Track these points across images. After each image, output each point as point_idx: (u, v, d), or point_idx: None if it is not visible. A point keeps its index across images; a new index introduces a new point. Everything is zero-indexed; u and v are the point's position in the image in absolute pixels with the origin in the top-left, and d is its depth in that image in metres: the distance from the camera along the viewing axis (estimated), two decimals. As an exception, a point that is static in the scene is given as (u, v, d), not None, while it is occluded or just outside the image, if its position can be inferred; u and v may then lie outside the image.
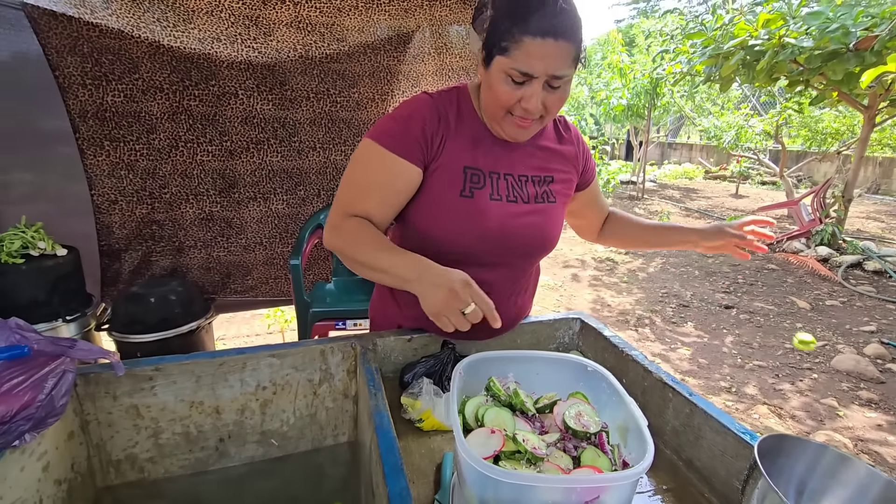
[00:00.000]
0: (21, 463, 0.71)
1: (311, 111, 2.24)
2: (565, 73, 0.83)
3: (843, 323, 4.12)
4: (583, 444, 0.65)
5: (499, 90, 0.86)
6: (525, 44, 0.79)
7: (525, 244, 1.04)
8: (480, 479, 0.56)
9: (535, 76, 0.82)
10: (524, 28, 0.79)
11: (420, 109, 0.95)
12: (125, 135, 1.98)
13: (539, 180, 1.03)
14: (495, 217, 0.97)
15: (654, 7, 24.19)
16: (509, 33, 0.80)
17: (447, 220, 0.97)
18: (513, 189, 1.00)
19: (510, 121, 0.90)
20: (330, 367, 1.01)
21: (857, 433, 2.66)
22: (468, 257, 1.00)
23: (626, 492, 0.57)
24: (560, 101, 0.88)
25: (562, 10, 0.79)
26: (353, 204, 0.96)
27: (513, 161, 1.01)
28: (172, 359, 0.91)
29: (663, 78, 8.28)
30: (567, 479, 0.57)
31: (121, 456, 0.91)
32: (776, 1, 5.19)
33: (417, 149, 0.93)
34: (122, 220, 2.11)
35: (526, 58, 0.80)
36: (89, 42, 1.80)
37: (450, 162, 0.96)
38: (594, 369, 0.72)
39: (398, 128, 0.94)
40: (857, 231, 7.49)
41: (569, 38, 0.80)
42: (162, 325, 2.02)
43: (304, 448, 1.03)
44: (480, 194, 0.96)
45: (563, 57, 0.81)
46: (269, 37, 2.01)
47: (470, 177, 0.96)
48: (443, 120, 0.96)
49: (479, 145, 0.98)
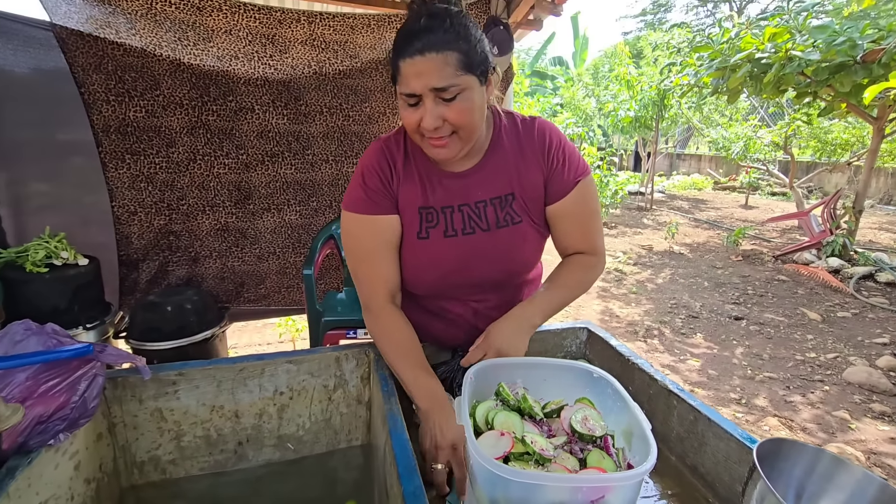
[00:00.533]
0: (55, 461, 0.75)
1: (325, 125, 2.30)
2: (449, 84, 0.83)
3: (855, 335, 4.09)
4: (589, 446, 0.68)
5: (403, 116, 0.89)
6: (401, 68, 0.84)
7: (489, 273, 1.03)
8: (491, 478, 0.58)
9: (418, 94, 0.84)
10: (397, 55, 0.84)
11: (372, 162, 1.00)
12: (146, 148, 2.05)
13: (499, 202, 1.00)
14: (452, 254, 0.99)
15: (662, 20, 24.33)
16: (394, 63, 0.86)
17: (410, 261, 1.01)
18: (469, 220, 0.99)
19: (426, 142, 0.91)
20: (344, 374, 1.05)
21: (870, 446, 2.63)
22: (438, 295, 1.06)
23: (630, 492, 0.59)
24: (463, 111, 0.86)
25: (425, 27, 0.82)
26: (370, 282, 1.00)
27: (468, 189, 0.99)
28: (195, 364, 0.95)
29: (671, 90, 8.31)
30: (574, 478, 0.60)
31: (145, 457, 0.95)
32: (782, 15, 5.22)
33: (384, 199, 0.98)
34: (141, 230, 2.17)
35: (405, 80, 0.84)
36: (113, 60, 1.88)
37: (405, 205, 0.99)
38: (600, 376, 0.75)
39: (362, 190, 0.98)
40: (870, 242, 7.42)
41: (438, 50, 0.81)
42: (178, 333, 2.06)
43: (318, 451, 1.07)
44: (435, 233, 0.99)
45: (438, 69, 0.82)
46: (285, 54, 2.08)
47: (425, 216, 0.99)
48: (392, 165, 0.99)
49: (430, 182, 0.99)
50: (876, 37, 4.20)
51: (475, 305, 1.08)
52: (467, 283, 1.04)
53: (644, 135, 11.35)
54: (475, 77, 0.86)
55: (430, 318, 1.09)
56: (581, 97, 12.76)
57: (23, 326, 0.77)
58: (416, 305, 1.09)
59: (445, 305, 1.08)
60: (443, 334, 1.11)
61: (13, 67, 1.89)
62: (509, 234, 1.00)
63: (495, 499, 0.60)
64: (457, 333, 1.10)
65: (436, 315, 1.10)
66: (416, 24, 0.83)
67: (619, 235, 8.03)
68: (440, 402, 0.85)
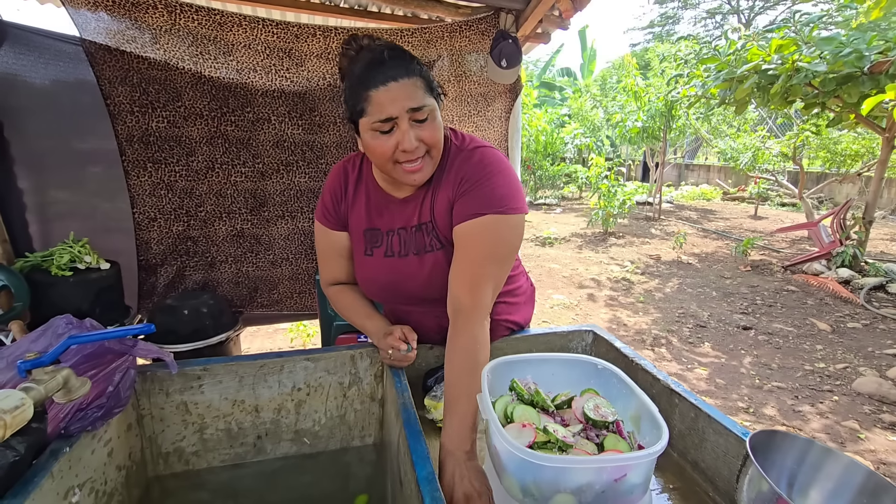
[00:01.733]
0: (92, 447, 0.80)
1: (338, 135, 2.37)
2: (422, 104, 0.88)
3: (865, 345, 4.06)
4: (603, 432, 0.72)
5: (374, 147, 0.91)
6: (372, 97, 0.88)
7: (421, 292, 1.09)
8: (522, 465, 0.63)
9: (396, 117, 0.88)
10: (366, 86, 0.88)
11: (331, 180, 1.14)
12: (167, 157, 2.12)
13: (426, 228, 1.03)
14: (388, 272, 1.10)
15: (670, 32, 24.43)
16: (358, 97, 0.90)
17: (359, 274, 1.16)
18: (405, 244, 1.06)
19: (400, 169, 0.93)
20: (359, 372, 1.09)
21: (880, 456, 2.62)
22: (385, 300, 1.19)
23: (647, 469, 0.64)
24: (435, 130, 0.91)
25: (390, 57, 0.89)
26: (324, 275, 1.22)
27: (406, 215, 1.05)
28: (219, 360, 1.00)
29: (678, 101, 8.35)
30: (599, 459, 0.64)
31: (170, 448, 1.00)
32: (788, 27, 5.26)
33: (335, 219, 1.13)
34: (160, 236, 2.24)
35: (379, 108, 0.87)
36: (138, 73, 1.96)
37: (354, 226, 1.12)
38: (604, 367, 0.79)
39: (322, 204, 1.15)
40: (881, 253, 7.36)
41: (408, 75, 0.88)
42: (194, 336, 2.12)
43: (333, 447, 1.11)
44: (378, 252, 1.10)
45: (411, 91, 0.87)
46: (301, 67, 2.15)
47: (370, 237, 1.10)
48: (344, 189, 1.12)
49: (375, 206, 1.09)
50: (883, 48, 4.23)
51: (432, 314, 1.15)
52: (405, 298, 1.13)
53: (652, 145, 11.39)
54: (435, 100, 0.93)
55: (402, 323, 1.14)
56: (589, 108, 12.86)
57: (64, 321, 0.83)
58: (390, 314, 1.23)
59: (408, 312, 1.18)
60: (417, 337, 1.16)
61: (43, 80, 1.98)
62: (433, 259, 1.04)
63: (526, 485, 0.64)
64: (430, 335, 1.18)
65: (405, 321, 1.16)
66: (381, 56, 0.89)
67: (627, 245, 8.04)
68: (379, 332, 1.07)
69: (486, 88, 2.46)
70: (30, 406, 0.60)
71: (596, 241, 8.32)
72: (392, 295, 1.14)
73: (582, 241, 8.34)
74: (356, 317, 1.14)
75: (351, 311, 1.16)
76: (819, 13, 5.25)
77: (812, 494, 0.63)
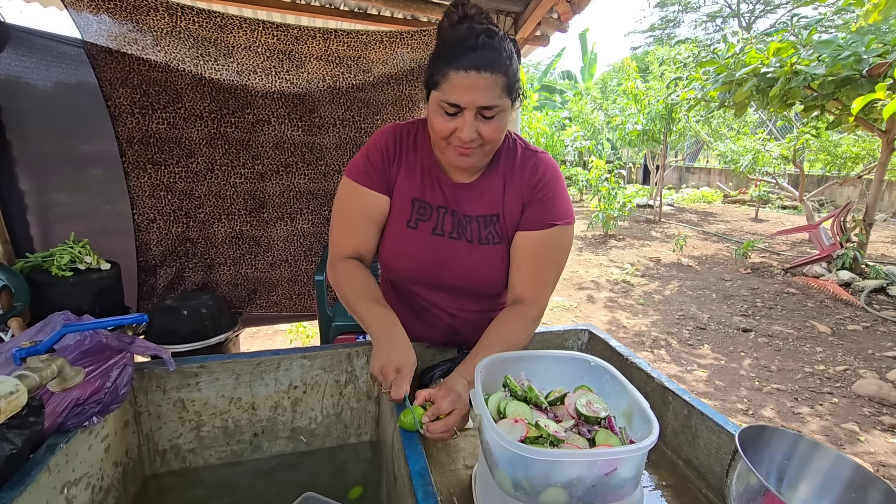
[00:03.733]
0: (89, 442, 0.81)
1: (338, 137, 2.38)
2: (495, 104, 0.87)
3: (865, 348, 4.06)
4: (595, 427, 0.73)
5: (434, 122, 0.91)
6: (451, 77, 0.85)
7: (462, 282, 1.06)
8: (514, 459, 0.63)
9: (463, 107, 0.87)
10: (449, 63, 0.85)
11: (380, 140, 1.04)
12: (166, 159, 2.14)
13: (485, 220, 1.03)
14: (434, 251, 1.03)
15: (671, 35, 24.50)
16: (439, 69, 0.87)
17: (394, 247, 1.05)
18: (459, 227, 1.03)
19: (451, 150, 0.93)
20: (355, 370, 1.10)
21: (879, 458, 2.61)
22: (415, 284, 1.10)
23: (637, 463, 0.64)
24: (497, 129, 0.91)
25: (483, 45, 0.84)
26: (339, 243, 1.06)
27: (460, 200, 1.03)
28: (216, 357, 1.01)
29: (678, 104, 8.37)
30: (589, 453, 0.65)
31: (167, 446, 1.01)
32: (786, 31, 5.28)
33: (380, 178, 1.02)
34: (160, 237, 2.25)
35: (453, 90, 0.86)
36: (139, 75, 1.98)
37: (400, 192, 1.03)
38: (597, 364, 0.80)
39: (364, 161, 1.03)
40: (882, 256, 7.36)
41: (492, 70, 0.84)
42: (193, 337, 2.13)
43: (329, 445, 1.12)
44: (425, 227, 1.03)
45: (489, 88, 0.85)
46: (301, 69, 2.17)
47: (417, 208, 1.03)
48: (399, 149, 1.04)
49: (430, 179, 1.04)
50: (881, 51, 4.24)
51: (452, 310, 1.12)
52: (439, 283, 1.07)
53: (652, 148, 11.40)
54: (510, 101, 0.90)
55: (413, 318, 1.13)
56: (589, 111, 12.88)
57: (62, 317, 0.84)
58: (400, 304, 1.15)
59: (426, 306, 1.13)
60: (423, 335, 1.14)
61: (45, 82, 2.00)
62: (489, 252, 1.03)
63: (517, 479, 0.64)
64: (437, 335, 1.15)
65: (417, 316, 1.14)
66: (475, 40, 0.85)
67: (627, 247, 8.04)
68: (390, 331, 0.92)
69: (484, 90, 2.47)
70: (24, 392, 0.61)
71: (596, 244, 8.32)
72: (425, 275, 1.06)
73: (582, 244, 8.35)
74: (363, 302, 0.97)
75: (360, 295, 0.98)
76: (817, 17, 5.26)
77: (801, 488, 0.63)
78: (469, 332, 1.09)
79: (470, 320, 1.12)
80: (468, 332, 1.10)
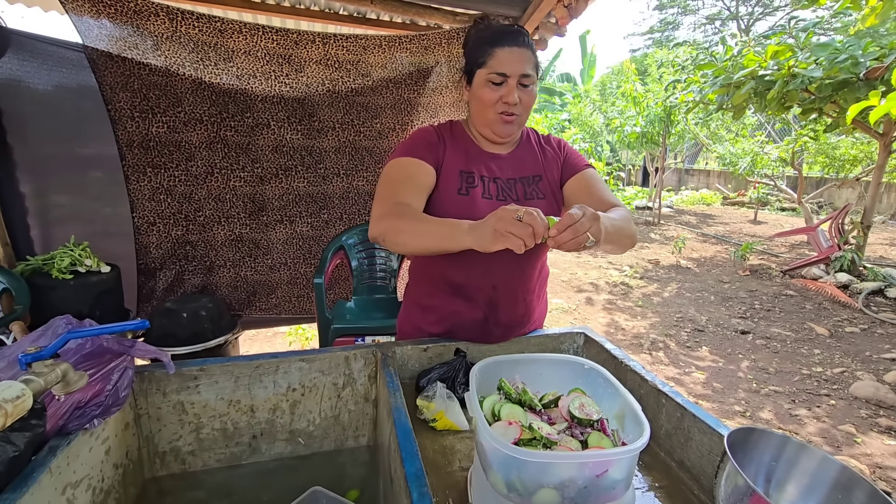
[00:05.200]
0: (90, 444, 0.82)
1: (337, 140, 2.40)
2: (531, 74, 1.10)
3: (863, 350, 4.07)
4: (588, 429, 0.74)
5: (483, 94, 1.11)
6: (497, 54, 1.08)
7: None
8: (507, 461, 0.65)
9: (509, 75, 1.08)
10: (494, 43, 1.08)
11: (422, 132, 1.21)
12: (166, 162, 2.15)
13: (527, 181, 1.20)
14: (486, 212, 1.05)
15: (670, 38, 24.55)
16: (484, 50, 1.09)
17: (447, 214, 1.12)
18: (502, 190, 1.18)
19: (496, 119, 1.12)
20: (353, 372, 1.11)
21: (876, 460, 2.62)
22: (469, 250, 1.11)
23: (628, 465, 0.66)
24: (532, 98, 1.13)
25: (518, 30, 1.11)
26: (392, 197, 1.09)
27: (501, 168, 1.20)
28: (215, 360, 1.02)
29: (676, 106, 8.40)
30: (581, 455, 0.66)
31: (166, 448, 1.02)
32: (784, 33, 5.31)
33: (428, 153, 1.15)
34: (160, 240, 2.27)
35: (499, 63, 1.08)
36: (139, 79, 2.00)
37: (449, 167, 1.17)
38: (591, 367, 0.81)
39: (409, 144, 1.17)
40: (880, 258, 7.37)
41: (527, 47, 1.09)
42: (192, 339, 2.14)
43: (327, 448, 1.13)
44: (475, 192, 1.16)
45: (527, 61, 1.09)
46: (300, 73, 2.19)
47: (465, 178, 1.16)
48: (442, 137, 1.20)
49: (471, 156, 1.19)
50: (878, 54, 4.26)
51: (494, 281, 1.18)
52: None
53: (651, 150, 11.43)
54: (537, 77, 1.13)
55: (451, 297, 1.22)
56: (589, 113, 12.90)
57: (64, 321, 0.85)
58: (440, 283, 1.23)
59: (468, 282, 1.19)
60: (463, 311, 1.21)
61: (46, 86, 2.02)
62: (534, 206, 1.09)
63: (511, 481, 0.66)
64: (475, 315, 1.20)
65: (457, 293, 1.21)
66: (511, 26, 1.11)
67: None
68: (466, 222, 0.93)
69: (482, 94, 2.49)
70: (30, 397, 0.63)
71: (595, 246, 8.32)
72: None
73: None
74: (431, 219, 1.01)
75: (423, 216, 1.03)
76: (815, 20, 5.29)
77: (788, 489, 0.65)
78: (507, 306, 1.20)
79: (510, 290, 1.20)
80: (506, 306, 1.20)
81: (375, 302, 2.46)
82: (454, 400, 1.03)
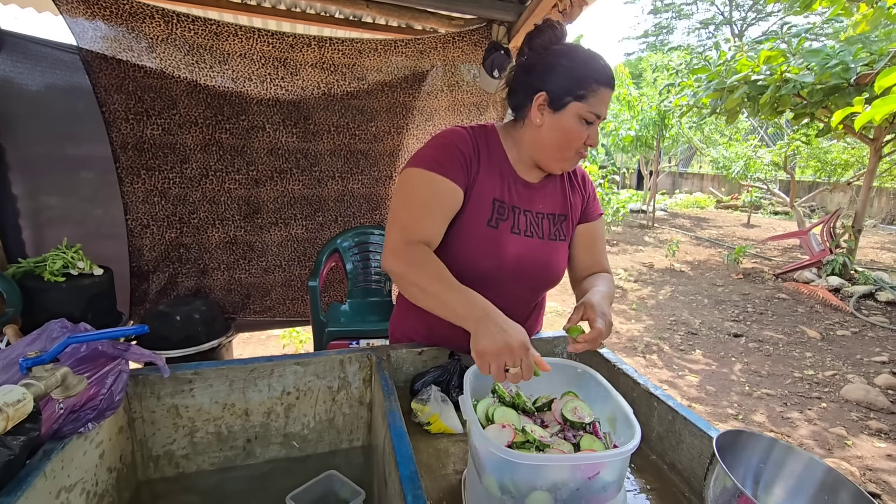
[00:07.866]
0: (84, 448, 0.82)
1: (332, 143, 2.40)
2: None
3: (854, 353, 4.11)
4: (580, 433, 0.75)
5: (572, 130, 1.01)
6: (600, 92, 0.99)
7: (535, 276, 1.13)
8: (500, 464, 0.65)
9: (601, 117, 1.02)
10: (601, 81, 0.99)
11: (457, 138, 1.06)
12: (160, 164, 2.15)
13: (553, 218, 1.15)
14: (513, 249, 1.08)
15: (664, 41, 24.73)
16: (588, 84, 0.98)
17: (473, 245, 1.06)
18: (531, 225, 1.11)
19: (575, 158, 1.06)
20: (348, 376, 1.12)
21: (866, 462, 2.65)
22: (485, 281, 1.07)
23: (620, 467, 0.67)
24: None
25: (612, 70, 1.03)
26: (411, 227, 0.99)
27: (534, 199, 1.12)
28: (210, 364, 1.02)
29: (671, 110, 8.46)
30: (573, 457, 0.67)
31: (160, 451, 1.02)
32: (776, 39, 5.36)
33: (459, 171, 1.03)
34: (153, 243, 2.26)
35: (601, 104, 1.00)
36: (134, 81, 1.99)
37: (481, 191, 1.06)
38: (583, 370, 0.82)
39: (440, 154, 1.03)
40: (871, 262, 7.45)
41: None
42: (186, 342, 2.14)
43: (322, 451, 1.13)
44: (504, 226, 1.07)
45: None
46: (296, 76, 2.19)
47: (497, 208, 1.07)
48: (477, 150, 1.07)
49: (506, 181, 1.09)
50: (868, 60, 4.32)
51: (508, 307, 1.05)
52: (514, 279, 1.10)
53: (646, 153, 11.50)
54: None
55: None
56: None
57: (59, 325, 0.85)
58: None
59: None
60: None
61: (39, 87, 2.01)
62: (555, 248, 1.14)
63: (504, 483, 0.66)
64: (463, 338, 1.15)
65: None
66: (606, 62, 1.02)
67: (621, 253, 8.09)
68: (486, 306, 0.85)
69: (478, 98, 2.50)
70: (30, 401, 0.63)
71: (590, 249, 8.35)
72: (501, 272, 1.08)
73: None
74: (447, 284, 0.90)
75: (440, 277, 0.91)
76: (806, 25, 5.35)
77: (776, 490, 0.66)
78: None
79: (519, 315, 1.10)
80: None
81: (370, 305, 2.46)
82: (448, 403, 1.03)
